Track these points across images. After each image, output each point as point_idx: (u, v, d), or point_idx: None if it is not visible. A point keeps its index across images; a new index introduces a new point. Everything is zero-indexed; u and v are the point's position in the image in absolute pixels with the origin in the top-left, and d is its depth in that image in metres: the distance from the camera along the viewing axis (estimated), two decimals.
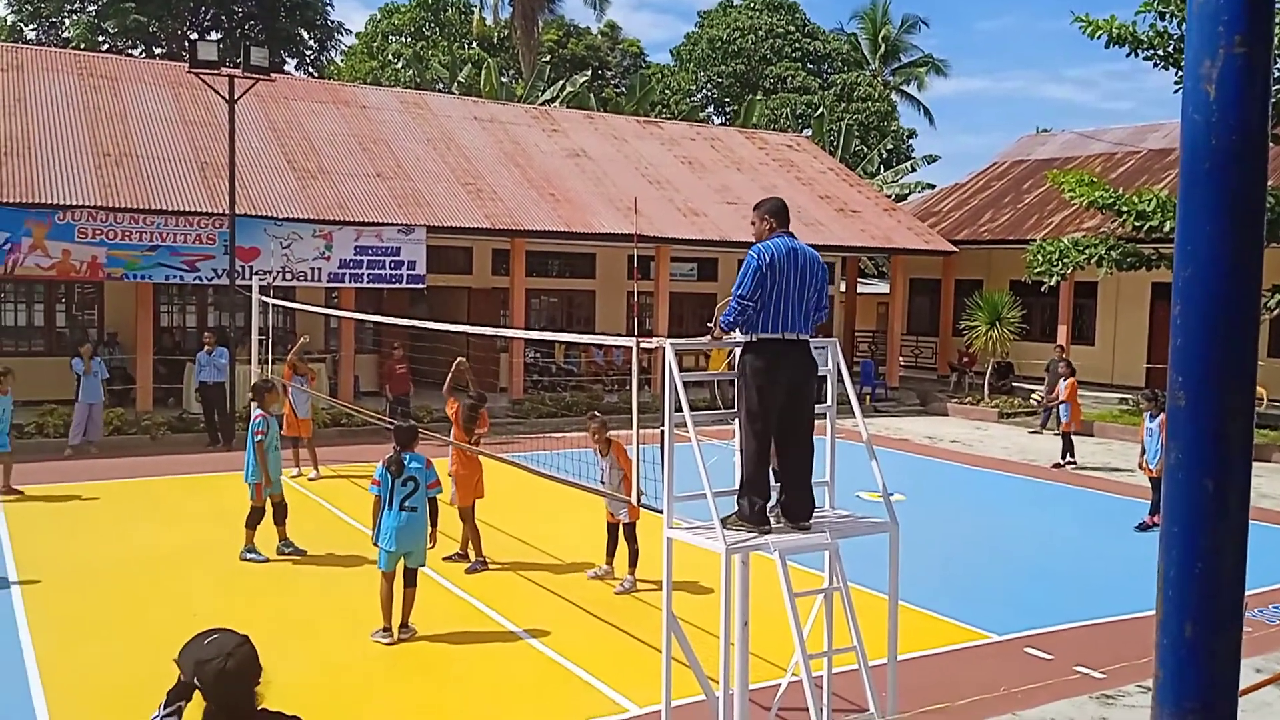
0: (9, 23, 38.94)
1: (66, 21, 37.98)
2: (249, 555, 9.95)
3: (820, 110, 42.43)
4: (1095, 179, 20.25)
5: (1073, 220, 24.51)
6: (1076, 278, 22.04)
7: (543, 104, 34.09)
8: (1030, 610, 9.00)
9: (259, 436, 9.96)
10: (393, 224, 19.53)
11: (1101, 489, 14.79)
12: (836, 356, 6.11)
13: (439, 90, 37.91)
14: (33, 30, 38.72)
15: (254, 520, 10.03)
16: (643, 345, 6.59)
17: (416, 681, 7.27)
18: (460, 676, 7.38)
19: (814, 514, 5.79)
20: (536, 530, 11.22)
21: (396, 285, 19.88)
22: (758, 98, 42.02)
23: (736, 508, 5.66)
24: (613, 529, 9.54)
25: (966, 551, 11.10)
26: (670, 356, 5.71)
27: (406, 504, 8.01)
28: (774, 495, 5.74)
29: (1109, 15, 17.90)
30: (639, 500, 7.16)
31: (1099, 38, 17.80)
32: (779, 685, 6.37)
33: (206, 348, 16.34)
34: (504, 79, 40.22)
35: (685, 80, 49.85)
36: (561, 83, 38.30)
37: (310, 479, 13.94)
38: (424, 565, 8.28)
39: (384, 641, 7.91)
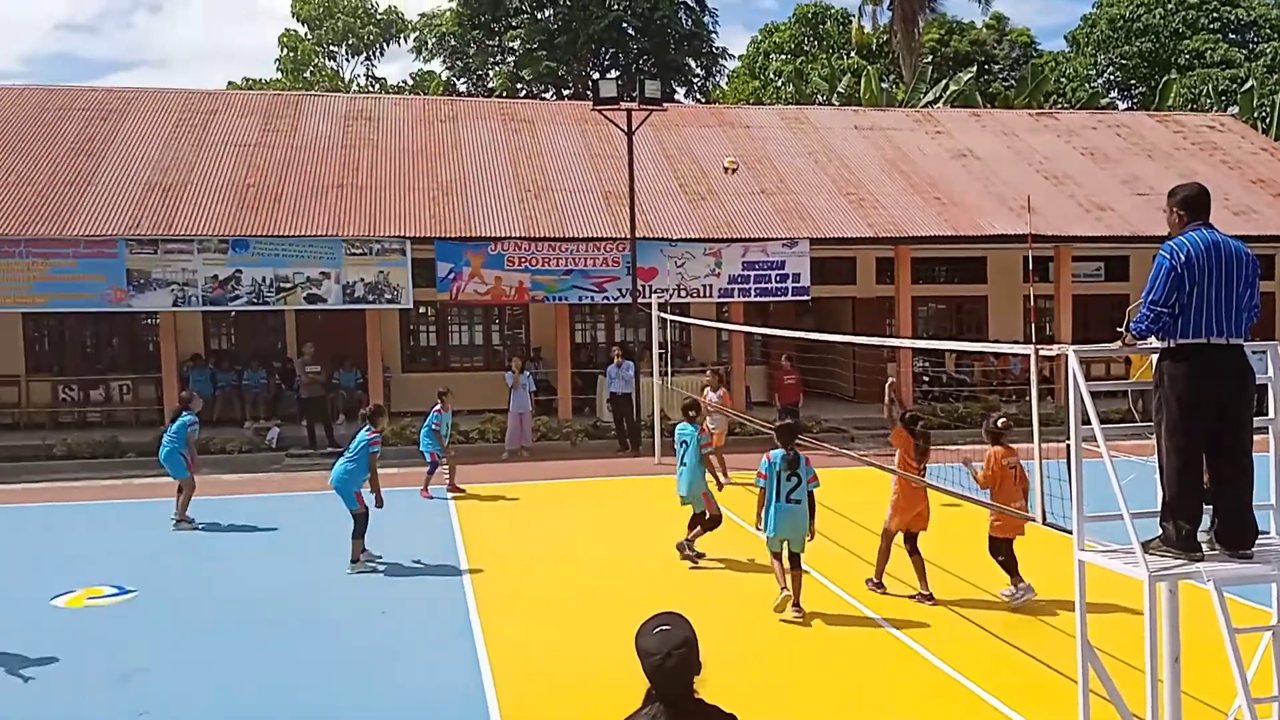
0: (444, 78, 44.82)
1: (490, 73, 42.99)
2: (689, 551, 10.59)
3: (1248, 84, 37.45)
4: None
5: None
6: None
7: (925, 106, 33.24)
8: None
9: (707, 450, 10.84)
10: (777, 238, 20.05)
11: None
12: (1279, 361, 5.47)
13: (819, 103, 38.25)
14: (463, 84, 44.25)
15: (710, 525, 10.58)
16: (1042, 353, 6.31)
17: (810, 684, 7.43)
18: (857, 685, 7.44)
19: (1257, 541, 5.21)
20: (930, 546, 10.96)
21: (782, 298, 20.38)
22: (1171, 77, 37.99)
23: (1160, 531, 5.24)
24: (999, 544, 9.20)
25: None
26: (1075, 364, 5.42)
27: (791, 497, 8.70)
28: (1206, 519, 5.24)
29: None
30: (1044, 519, 6.82)
31: None
32: None
33: (615, 361, 17.81)
34: (884, 84, 39.70)
35: (1083, 66, 46.20)
36: (945, 82, 37.10)
37: (718, 487, 14.67)
38: (802, 551, 8.84)
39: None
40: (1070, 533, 5.74)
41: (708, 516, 10.56)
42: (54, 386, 20.28)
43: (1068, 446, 5.70)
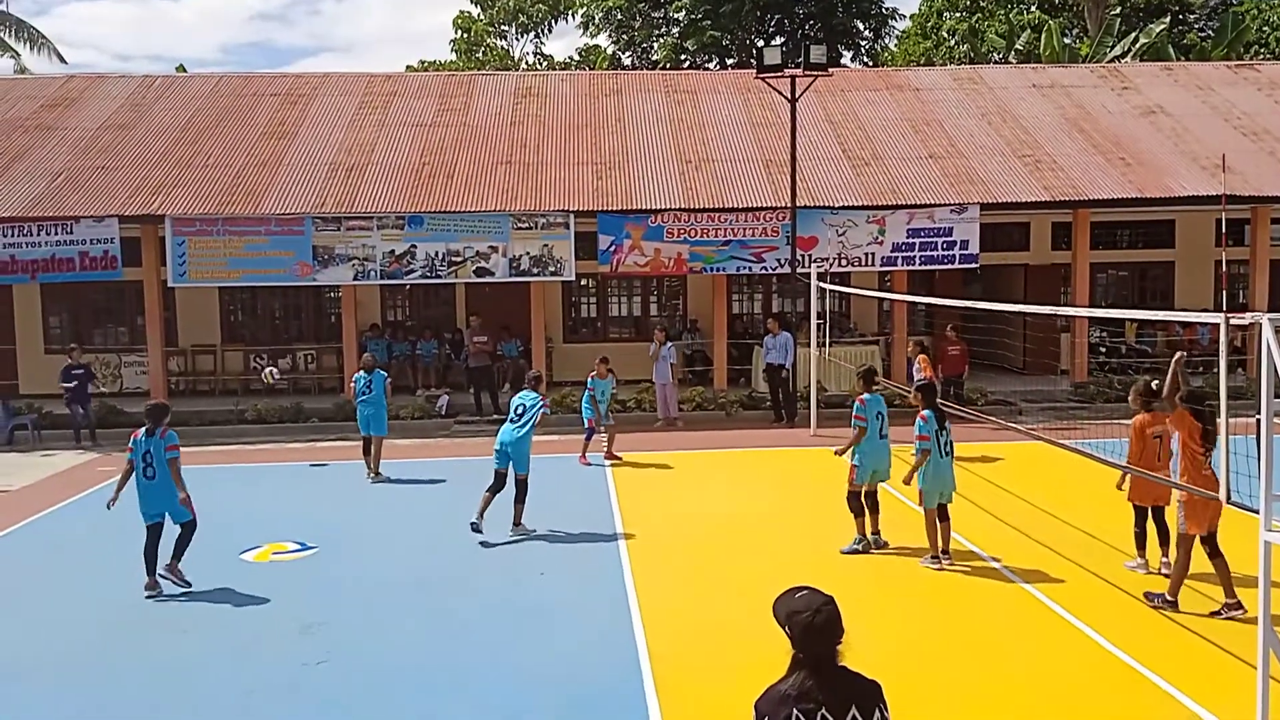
0: (609, 53, 45.23)
1: (654, 45, 43.08)
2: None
3: None
4: None
5: None
6: None
7: (1112, 61, 31.29)
8: None
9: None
10: (945, 204, 19.38)
11: None
12: None
13: (994, 61, 36.60)
14: (628, 57, 44.52)
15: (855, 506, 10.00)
16: (1234, 322, 5.95)
17: (971, 672, 7.24)
18: (1022, 671, 7.19)
19: None
20: (1104, 522, 10.46)
21: (949, 266, 19.71)
22: None
23: None
24: (1140, 512, 8.97)
25: None
26: (1269, 334, 5.09)
27: (947, 450, 9.35)
28: None
29: None
30: (1229, 497, 6.39)
31: None
32: None
33: (771, 332, 17.67)
34: (1066, 40, 37.56)
35: None
36: (1134, 35, 34.78)
37: None
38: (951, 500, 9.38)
39: (933, 567, 9.18)
40: (1256, 512, 5.43)
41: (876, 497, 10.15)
42: (245, 355, 21.74)
43: (1257, 421, 5.39)
